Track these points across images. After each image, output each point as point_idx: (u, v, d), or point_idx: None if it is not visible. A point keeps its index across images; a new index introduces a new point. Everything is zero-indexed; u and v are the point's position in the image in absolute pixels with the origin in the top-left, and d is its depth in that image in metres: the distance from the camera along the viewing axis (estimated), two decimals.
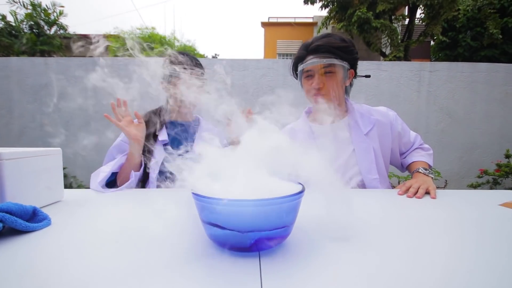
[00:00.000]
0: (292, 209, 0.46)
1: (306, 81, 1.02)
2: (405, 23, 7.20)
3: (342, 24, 6.48)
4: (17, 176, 0.66)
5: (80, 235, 0.53)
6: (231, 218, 0.42)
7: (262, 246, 0.45)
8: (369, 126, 1.02)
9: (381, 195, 0.83)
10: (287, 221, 0.46)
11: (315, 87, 0.98)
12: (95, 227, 0.58)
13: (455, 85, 3.33)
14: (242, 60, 3.31)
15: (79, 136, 3.37)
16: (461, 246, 0.50)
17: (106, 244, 0.48)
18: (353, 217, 0.60)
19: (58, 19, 8.24)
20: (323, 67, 0.97)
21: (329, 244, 0.48)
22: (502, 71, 3.30)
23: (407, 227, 0.58)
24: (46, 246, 0.49)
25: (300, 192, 0.45)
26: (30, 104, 3.32)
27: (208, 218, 0.44)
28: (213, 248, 0.47)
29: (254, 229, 0.43)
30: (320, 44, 0.96)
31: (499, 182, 2.98)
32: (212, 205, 0.42)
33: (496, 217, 0.66)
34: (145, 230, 0.54)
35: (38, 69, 3.30)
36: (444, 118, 3.34)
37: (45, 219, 0.60)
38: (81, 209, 0.72)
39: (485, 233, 0.56)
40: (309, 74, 1.01)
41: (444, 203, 0.76)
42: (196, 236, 0.50)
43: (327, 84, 0.98)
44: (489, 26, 6.19)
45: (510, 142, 3.32)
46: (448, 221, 0.63)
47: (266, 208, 0.42)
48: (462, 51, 7.29)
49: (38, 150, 0.74)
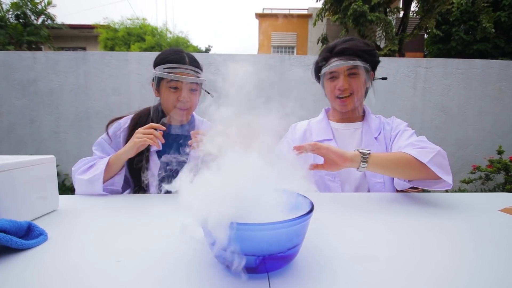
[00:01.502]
0: (301, 230, 0.44)
1: (330, 82, 1.04)
2: (400, 16, 7.19)
3: (337, 17, 6.44)
4: (10, 188, 0.63)
5: (79, 253, 0.51)
6: (239, 242, 0.40)
7: (270, 267, 0.44)
8: (378, 130, 1.05)
9: (382, 199, 0.83)
10: (296, 241, 0.44)
11: (341, 88, 1.01)
12: (95, 242, 0.56)
13: (450, 82, 3.35)
14: (238, 55, 3.26)
15: (70, 133, 3.30)
16: (461, 254, 0.50)
17: (107, 262, 0.47)
18: (356, 229, 0.60)
19: (46, 9, 7.96)
20: (348, 69, 1.00)
21: (338, 261, 0.47)
22: (496, 68, 3.33)
23: (409, 237, 0.57)
24: (43, 264, 0.47)
25: (310, 212, 0.43)
26: (18, 100, 3.22)
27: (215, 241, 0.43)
28: (219, 268, 0.45)
29: (264, 252, 0.41)
30: (346, 47, 0.99)
31: (491, 178, 3.04)
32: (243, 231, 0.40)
33: (496, 223, 0.66)
34: (148, 249, 0.52)
35: (26, 63, 3.19)
36: (439, 115, 3.37)
37: (41, 235, 0.57)
38: (78, 219, 0.69)
39: (484, 241, 0.56)
40: (333, 76, 1.03)
41: (443, 208, 0.77)
42: (202, 255, 0.49)
43: (351, 85, 1.01)
44: (482, 20, 6.22)
45: (503, 138, 3.38)
46: (448, 229, 0.63)
47: (276, 232, 0.40)
48: (455, 45, 7.33)
49: (31, 159, 0.71)
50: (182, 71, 0.98)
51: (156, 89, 1.06)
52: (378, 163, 0.79)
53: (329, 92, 1.06)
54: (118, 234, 0.60)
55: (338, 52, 1.00)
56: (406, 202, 0.82)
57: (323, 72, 1.05)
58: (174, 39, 11.05)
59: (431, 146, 0.83)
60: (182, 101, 1.00)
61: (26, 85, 3.21)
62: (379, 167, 0.80)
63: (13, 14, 7.62)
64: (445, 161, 0.80)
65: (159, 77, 1.00)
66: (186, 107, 1.02)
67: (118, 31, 10.24)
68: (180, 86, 1.00)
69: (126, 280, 0.42)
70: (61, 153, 3.29)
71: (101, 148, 1.02)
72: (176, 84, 0.99)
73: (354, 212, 0.73)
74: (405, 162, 0.80)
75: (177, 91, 1.00)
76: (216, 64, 3.27)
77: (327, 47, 1.05)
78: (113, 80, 3.24)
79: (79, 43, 12.42)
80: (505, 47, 7.10)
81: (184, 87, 0.99)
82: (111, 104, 3.27)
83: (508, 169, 2.89)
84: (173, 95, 1.00)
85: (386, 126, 1.07)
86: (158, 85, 1.03)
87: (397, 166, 0.80)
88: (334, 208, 0.75)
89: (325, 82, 1.07)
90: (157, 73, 1.00)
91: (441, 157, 0.79)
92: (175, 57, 1.00)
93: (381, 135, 1.05)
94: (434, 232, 0.60)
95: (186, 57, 1.01)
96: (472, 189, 3.34)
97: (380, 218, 0.69)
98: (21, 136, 3.26)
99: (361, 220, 0.67)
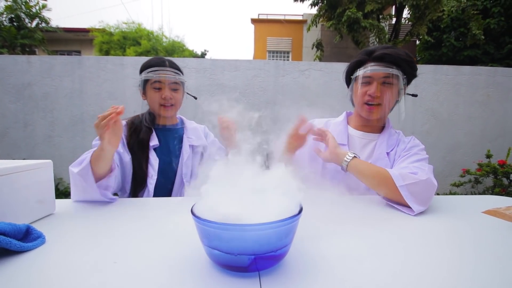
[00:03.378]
0: (291, 230, 0.47)
1: (362, 87, 0.99)
2: (392, 23, 7.32)
3: (331, 23, 6.54)
4: (8, 192, 0.64)
5: (76, 256, 0.52)
6: (230, 242, 0.43)
7: (261, 266, 0.46)
8: (392, 146, 1.03)
9: (370, 202, 0.86)
10: (286, 241, 0.47)
11: (372, 95, 0.96)
12: (91, 245, 0.57)
13: (440, 87, 3.43)
14: (233, 60, 3.29)
15: (65, 137, 3.28)
16: (444, 255, 0.52)
17: (104, 264, 0.48)
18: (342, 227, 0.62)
19: (40, 12, 7.92)
20: (384, 77, 0.95)
21: (327, 259, 0.49)
22: (484, 74, 3.42)
23: (394, 238, 0.59)
24: (41, 266, 0.48)
25: (299, 213, 0.46)
26: (12, 103, 3.20)
27: (208, 241, 0.45)
28: (212, 267, 0.47)
29: (255, 252, 0.43)
30: (388, 53, 0.94)
31: (480, 181, 3.10)
32: (213, 229, 0.42)
33: (478, 225, 0.68)
34: (145, 251, 0.54)
35: (21, 67, 3.18)
36: (429, 120, 3.44)
37: (39, 237, 0.59)
38: (75, 222, 0.71)
39: (466, 242, 0.58)
40: (366, 81, 0.98)
41: (429, 210, 0.79)
42: (196, 254, 0.51)
43: (383, 94, 0.96)
44: (472, 27, 6.38)
45: (491, 142, 3.46)
46: (433, 230, 0.65)
47: (267, 232, 0.42)
48: (446, 51, 7.49)
49: (28, 163, 0.72)
50: (163, 72, 1.11)
51: (143, 93, 1.17)
52: (357, 169, 0.88)
53: (358, 96, 1.00)
54: (114, 236, 0.61)
55: (377, 57, 0.95)
56: (388, 204, 0.84)
57: (356, 75, 0.99)
58: (170, 43, 11.05)
59: (422, 174, 0.81)
60: (166, 99, 1.11)
61: (21, 89, 3.19)
62: (357, 173, 0.88)
63: (7, 17, 7.57)
64: (426, 192, 0.78)
65: (144, 80, 1.12)
66: (170, 103, 1.12)
67: (113, 35, 10.22)
68: (162, 86, 1.11)
69: (123, 283, 0.43)
70: (55, 157, 3.27)
71: None
72: (159, 85, 1.11)
73: (341, 213, 0.76)
74: (381, 177, 0.83)
75: (160, 91, 1.11)
76: (212, 69, 3.30)
77: (366, 50, 1.00)
78: (109, 84, 3.25)
79: (74, 47, 12.35)
80: (495, 53, 7.28)
81: (166, 86, 1.11)
82: (106, 109, 3.23)
83: (497, 173, 2.96)
84: (157, 94, 1.11)
85: (401, 145, 1.03)
86: (144, 88, 1.15)
87: (373, 178, 0.85)
88: (324, 210, 0.77)
89: (355, 85, 1.02)
90: (142, 76, 1.12)
91: (422, 187, 0.78)
92: (156, 61, 1.13)
93: (393, 152, 1.02)
94: (419, 234, 0.63)
95: (166, 61, 1.14)
96: (462, 192, 3.41)
97: (366, 220, 0.72)
98: (15, 140, 3.23)
99: (348, 221, 0.70)
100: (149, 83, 1.12)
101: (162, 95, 1.11)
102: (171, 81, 1.12)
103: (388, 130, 1.06)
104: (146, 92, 1.15)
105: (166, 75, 1.11)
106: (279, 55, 11.98)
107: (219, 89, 3.33)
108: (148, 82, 1.12)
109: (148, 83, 1.12)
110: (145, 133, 1.13)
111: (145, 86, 1.14)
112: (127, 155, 1.08)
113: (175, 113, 1.22)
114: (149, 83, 1.12)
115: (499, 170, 2.93)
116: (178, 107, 1.18)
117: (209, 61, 3.39)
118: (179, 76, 1.14)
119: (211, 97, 3.33)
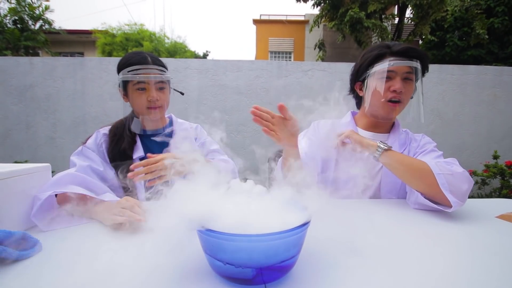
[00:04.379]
0: (299, 241, 0.44)
1: (384, 82, 0.91)
2: (395, 23, 7.29)
3: (334, 23, 6.51)
4: (6, 197, 0.63)
5: (73, 262, 0.51)
6: (234, 254, 0.40)
7: (267, 279, 0.43)
8: (404, 146, 1.00)
9: (381, 206, 0.83)
10: (294, 252, 0.44)
11: (397, 90, 0.90)
12: (89, 253, 0.55)
13: (445, 87, 3.38)
14: (235, 61, 3.27)
15: (67, 139, 3.27)
16: (457, 261, 0.50)
17: (103, 276, 0.46)
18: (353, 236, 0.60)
19: (44, 14, 7.96)
20: (407, 72, 0.91)
21: (335, 270, 0.47)
22: (490, 74, 3.37)
23: (407, 245, 0.57)
24: (38, 273, 0.47)
25: (307, 222, 0.43)
26: (14, 105, 3.20)
27: (212, 252, 0.43)
28: (215, 278, 0.45)
29: (260, 264, 0.41)
30: (410, 47, 0.90)
31: (487, 183, 3.05)
32: (218, 240, 0.40)
33: (492, 230, 0.66)
34: (143, 257, 0.52)
35: (23, 69, 3.17)
36: (435, 120, 3.40)
37: (36, 245, 0.57)
38: (74, 227, 0.69)
39: (480, 247, 0.56)
40: (388, 76, 0.91)
41: (440, 214, 0.76)
42: (198, 266, 0.48)
43: (406, 90, 0.92)
44: (476, 26, 6.33)
45: (498, 143, 3.41)
46: (445, 235, 0.63)
47: (273, 243, 0.40)
48: (450, 51, 7.43)
49: (26, 167, 0.70)
50: (146, 71, 0.97)
51: (124, 95, 1.05)
52: (393, 157, 0.81)
53: (378, 93, 0.92)
54: (112, 241, 0.60)
55: (401, 52, 0.90)
56: (403, 208, 0.82)
57: (376, 70, 0.92)
58: (171, 45, 11.08)
59: (457, 167, 0.77)
60: (152, 100, 0.99)
61: (23, 91, 3.19)
62: (392, 161, 0.81)
63: (10, 19, 7.62)
64: (463, 185, 0.73)
65: (124, 81, 0.99)
66: (157, 105, 1.01)
67: (116, 36, 10.26)
68: (147, 86, 0.99)
69: None
70: (57, 158, 3.26)
71: (84, 156, 0.96)
72: (143, 85, 0.98)
73: (351, 219, 0.73)
74: (418, 167, 0.78)
75: (145, 92, 0.99)
76: (214, 70, 3.28)
77: (383, 44, 0.94)
78: (111, 85, 3.24)
79: (77, 48, 12.42)
80: (499, 53, 7.21)
81: (151, 87, 0.99)
82: (108, 110, 3.26)
83: (504, 174, 2.91)
84: (142, 96, 0.99)
85: (413, 143, 1.01)
86: (125, 89, 1.02)
87: (410, 168, 0.79)
88: (333, 216, 0.74)
89: (373, 81, 0.94)
90: (121, 77, 0.99)
91: (459, 179, 0.73)
92: (137, 58, 0.99)
93: (406, 151, 0.99)
94: (430, 239, 0.61)
95: (148, 57, 1.01)
96: (469, 194, 3.36)
97: (378, 225, 0.69)
98: (17, 141, 3.23)
99: (359, 227, 0.67)
100: (131, 84, 0.99)
101: (148, 97, 0.98)
102: (156, 81, 1.00)
103: (397, 130, 1.03)
104: (129, 94, 1.01)
105: (150, 75, 0.98)
106: (281, 55, 11.95)
107: (221, 90, 3.30)
108: (130, 83, 0.99)
109: (130, 84, 0.99)
110: (128, 143, 1.01)
111: (126, 87, 1.01)
112: (110, 171, 0.96)
113: (164, 114, 1.10)
114: (131, 84, 0.99)
115: (506, 171, 2.88)
116: (166, 107, 1.07)
117: (211, 61, 3.37)
118: (165, 74, 1.02)
119: (213, 97, 3.31)
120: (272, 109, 0.78)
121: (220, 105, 3.33)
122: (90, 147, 0.98)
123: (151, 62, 1.00)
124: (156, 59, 1.03)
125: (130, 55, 1.02)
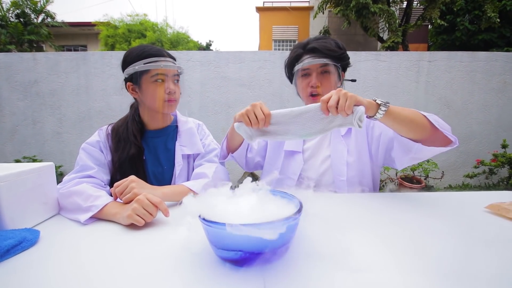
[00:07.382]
0: (293, 227, 0.48)
1: (303, 80, 1.04)
2: (403, 7, 7.05)
3: (339, 9, 6.32)
4: (14, 197, 0.65)
5: (82, 254, 0.54)
6: (238, 241, 0.45)
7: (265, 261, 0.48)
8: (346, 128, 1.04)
9: (371, 199, 0.83)
10: (289, 238, 0.49)
11: (313, 85, 1.01)
12: (95, 248, 0.58)
13: (453, 75, 3.29)
14: (238, 52, 3.23)
15: (73, 133, 3.31)
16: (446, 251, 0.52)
17: (108, 268, 0.49)
18: None
19: (45, 6, 7.93)
20: (320, 67, 1.01)
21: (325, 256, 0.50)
22: (501, 60, 3.26)
23: (395, 236, 0.59)
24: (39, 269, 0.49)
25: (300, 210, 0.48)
26: (20, 101, 3.23)
27: (216, 241, 0.48)
28: (215, 261, 0.49)
29: (260, 249, 0.46)
30: (316, 46, 1.00)
31: (495, 172, 3.01)
32: (220, 230, 0.44)
33: (482, 221, 0.67)
34: (149, 251, 0.55)
35: (27, 64, 3.19)
36: (442, 108, 3.33)
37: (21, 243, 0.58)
38: (77, 223, 0.72)
39: (470, 239, 0.57)
40: (305, 73, 1.03)
41: (428, 206, 0.78)
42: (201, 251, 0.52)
43: (323, 83, 1.01)
44: (487, 9, 6.07)
45: (507, 131, 3.33)
46: (436, 227, 0.64)
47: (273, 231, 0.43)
48: (460, 35, 7.20)
49: (31, 167, 0.73)
50: (166, 62, 0.95)
51: (133, 89, 1.00)
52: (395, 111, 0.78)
53: (302, 89, 1.05)
54: (118, 237, 0.63)
55: (310, 50, 1.01)
56: (392, 202, 0.83)
57: (295, 70, 1.06)
58: (174, 35, 10.97)
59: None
60: (171, 92, 0.97)
61: (28, 86, 3.22)
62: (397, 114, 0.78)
63: (13, 13, 7.61)
64: (444, 124, 0.84)
65: (137, 73, 0.95)
66: (175, 98, 1.00)
67: (118, 28, 10.20)
68: (165, 78, 0.96)
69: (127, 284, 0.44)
70: (64, 153, 3.31)
71: (89, 154, 0.99)
72: (162, 77, 0.95)
73: (342, 211, 0.76)
74: (416, 114, 0.83)
75: (162, 84, 0.96)
76: (216, 61, 3.25)
77: (300, 44, 1.06)
78: (114, 79, 3.24)
79: (80, 41, 12.41)
80: (511, 37, 6.95)
81: (169, 78, 0.97)
82: (112, 104, 3.28)
83: None
84: (160, 89, 0.96)
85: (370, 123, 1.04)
86: (137, 82, 0.97)
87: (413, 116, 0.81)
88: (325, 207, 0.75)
89: (297, 79, 1.07)
90: (138, 67, 0.94)
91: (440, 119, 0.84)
92: (154, 49, 0.96)
93: (350, 132, 1.04)
94: (422, 231, 0.62)
95: (164, 51, 0.99)
96: (476, 184, 3.32)
97: (367, 217, 0.71)
98: (25, 137, 3.28)
99: (349, 219, 0.70)
100: (148, 76, 0.95)
101: (167, 89, 0.96)
102: (175, 73, 0.99)
103: None
104: (142, 87, 0.97)
105: (170, 65, 0.96)
106: (285, 44, 11.75)
107: (224, 82, 3.28)
108: (147, 75, 0.95)
109: (147, 76, 0.95)
110: (135, 148, 0.99)
111: (139, 80, 0.96)
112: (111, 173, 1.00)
113: (175, 109, 1.07)
114: (148, 75, 0.95)
115: None
116: (178, 103, 1.04)
117: (214, 53, 3.34)
118: (181, 67, 1.01)
119: (216, 90, 3.29)
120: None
121: (223, 98, 3.31)
122: (94, 144, 1.02)
123: (167, 55, 0.98)
124: (168, 53, 1.00)
125: (142, 47, 0.98)
